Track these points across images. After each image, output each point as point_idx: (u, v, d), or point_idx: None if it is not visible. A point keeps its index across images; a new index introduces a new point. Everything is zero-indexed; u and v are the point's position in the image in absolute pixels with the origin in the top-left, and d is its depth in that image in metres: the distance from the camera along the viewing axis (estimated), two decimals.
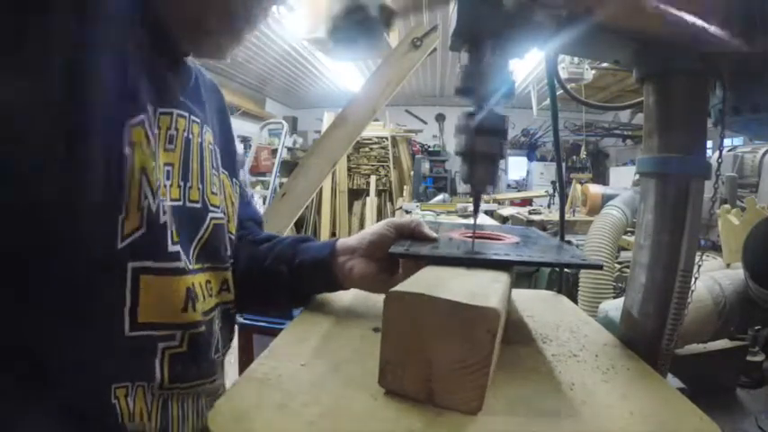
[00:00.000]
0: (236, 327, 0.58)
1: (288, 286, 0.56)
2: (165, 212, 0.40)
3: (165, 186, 0.43)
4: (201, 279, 0.47)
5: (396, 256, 0.47)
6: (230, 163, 0.58)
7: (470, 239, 0.52)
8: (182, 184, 0.46)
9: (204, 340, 0.44)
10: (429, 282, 0.37)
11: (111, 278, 0.37)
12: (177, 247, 0.42)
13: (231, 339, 0.56)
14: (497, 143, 0.43)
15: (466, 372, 0.32)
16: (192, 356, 0.43)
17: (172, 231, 0.41)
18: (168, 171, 0.44)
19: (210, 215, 0.50)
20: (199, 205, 0.48)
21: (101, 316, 0.37)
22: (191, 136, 0.47)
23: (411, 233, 0.54)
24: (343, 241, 0.56)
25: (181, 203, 0.45)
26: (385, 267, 0.54)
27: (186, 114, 0.46)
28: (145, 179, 0.38)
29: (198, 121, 0.49)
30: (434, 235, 0.54)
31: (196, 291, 0.46)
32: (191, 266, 0.46)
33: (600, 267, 0.49)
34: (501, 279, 0.40)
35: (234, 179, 0.58)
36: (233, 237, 0.55)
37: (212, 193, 0.50)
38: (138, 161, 0.38)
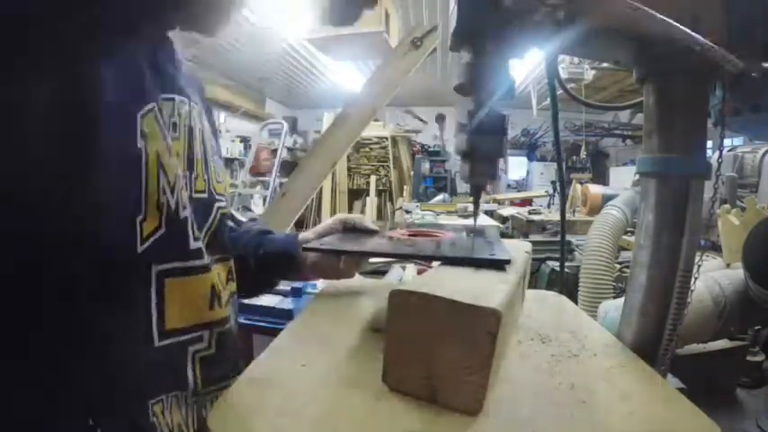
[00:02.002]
0: None
1: (253, 274, 0.59)
2: (185, 207, 0.38)
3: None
4: (215, 273, 0.46)
5: (307, 249, 0.55)
6: (217, 146, 0.57)
7: (406, 237, 0.60)
8: (187, 173, 0.44)
9: (230, 336, 0.43)
10: (434, 281, 0.37)
11: (136, 286, 0.34)
12: (199, 243, 0.39)
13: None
14: (497, 141, 0.43)
15: (466, 372, 0.32)
16: (220, 356, 0.41)
17: (193, 227, 0.38)
18: None
19: (217, 204, 0.48)
20: (205, 195, 0.46)
21: (129, 330, 0.34)
22: (193, 123, 0.44)
23: (354, 226, 0.62)
24: (303, 234, 0.63)
25: (188, 194, 0.43)
26: (332, 256, 0.59)
27: (186, 100, 0.43)
28: (162, 173, 0.35)
29: (197, 106, 0.46)
30: (374, 228, 0.62)
31: (217, 286, 0.44)
32: (206, 261, 0.44)
33: (506, 262, 0.44)
34: (508, 280, 0.40)
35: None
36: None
37: (217, 181, 0.49)
38: (153, 154, 0.34)
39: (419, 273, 0.99)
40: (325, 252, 0.56)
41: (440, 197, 4.57)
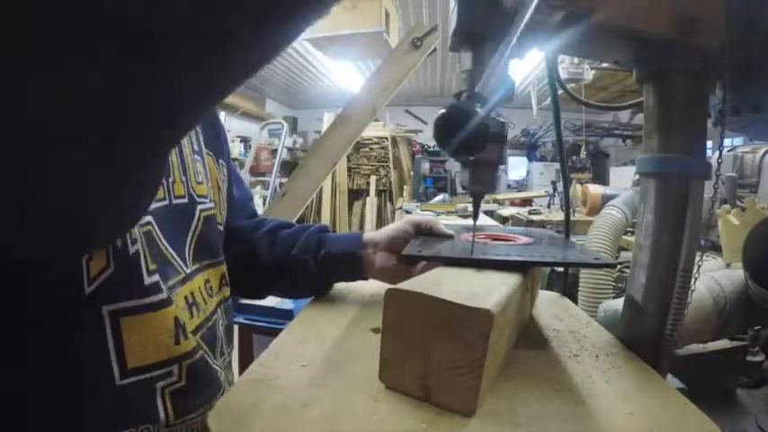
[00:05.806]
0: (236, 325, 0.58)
1: (313, 275, 0.58)
2: (134, 241, 0.36)
3: None
4: (201, 281, 0.45)
5: (411, 258, 0.49)
6: (215, 142, 0.55)
7: (484, 242, 0.53)
8: (164, 181, 0.42)
9: (203, 366, 0.41)
10: (432, 281, 0.37)
11: (87, 327, 0.33)
12: (155, 277, 0.37)
13: (233, 335, 0.54)
14: (497, 149, 0.43)
15: (460, 372, 0.32)
16: (193, 387, 0.39)
17: (146, 260, 0.37)
18: None
19: (199, 207, 0.47)
20: (185, 200, 0.45)
21: (85, 370, 0.33)
22: None
23: (428, 230, 0.58)
24: (369, 235, 0.60)
25: (167, 202, 0.42)
26: (404, 261, 0.56)
27: None
28: None
29: None
30: (450, 232, 0.58)
31: (196, 298, 0.43)
32: (188, 270, 0.43)
33: (614, 266, 0.46)
34: (509, 282, 0.40)
35: (220, 160, 0.55)
36: (221, 226, 0.52)
37: (198, 183, 0.47)
38: None
39: None
40: (430, 260, 0.49)
41: (440, 197, 4.56)
